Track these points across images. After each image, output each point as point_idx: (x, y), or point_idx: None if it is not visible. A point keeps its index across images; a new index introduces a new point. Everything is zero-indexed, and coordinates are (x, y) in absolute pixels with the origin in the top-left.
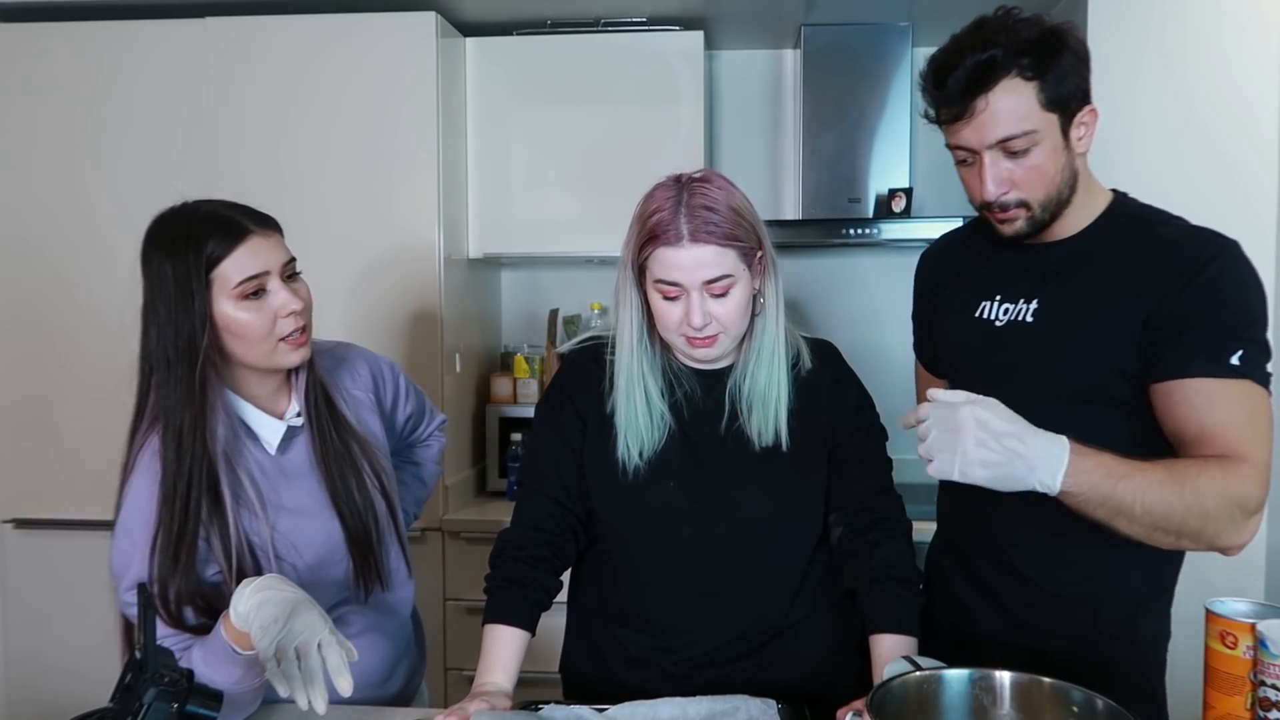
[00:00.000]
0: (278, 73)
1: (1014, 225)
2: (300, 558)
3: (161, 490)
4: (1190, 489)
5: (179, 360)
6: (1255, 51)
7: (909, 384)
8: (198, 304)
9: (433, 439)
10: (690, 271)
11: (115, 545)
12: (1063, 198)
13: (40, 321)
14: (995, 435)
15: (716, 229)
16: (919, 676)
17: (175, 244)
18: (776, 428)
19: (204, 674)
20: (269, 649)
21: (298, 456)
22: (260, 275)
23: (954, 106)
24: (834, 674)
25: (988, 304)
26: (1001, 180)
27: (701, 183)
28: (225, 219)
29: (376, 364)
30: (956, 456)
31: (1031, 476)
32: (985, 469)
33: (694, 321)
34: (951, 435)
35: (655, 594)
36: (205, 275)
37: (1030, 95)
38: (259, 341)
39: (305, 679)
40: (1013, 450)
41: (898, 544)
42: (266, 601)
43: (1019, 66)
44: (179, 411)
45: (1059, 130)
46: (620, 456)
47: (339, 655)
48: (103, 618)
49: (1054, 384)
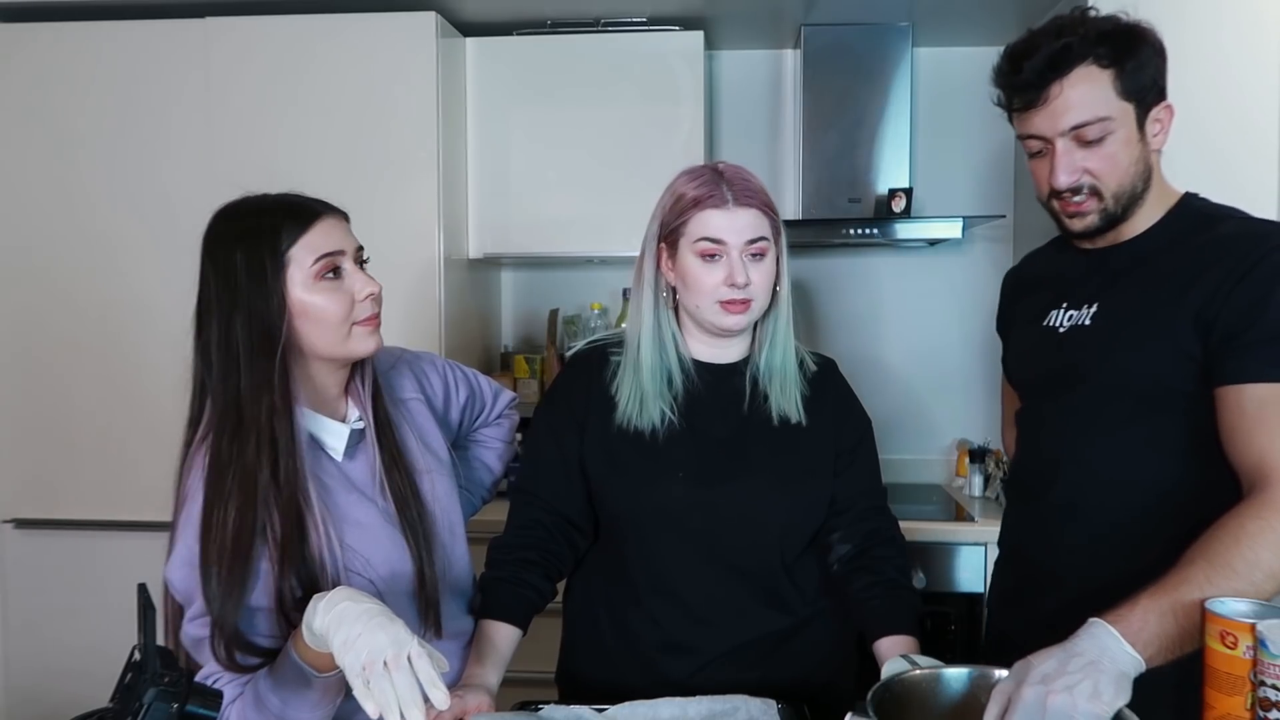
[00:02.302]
0: (277, 73)
1: (1085, 219)
2: (374, 570)
3: (238, 506)
4: (1241, 566)
5: (257, 351)
6: (1255, 51)
7: (906, 384)
8: (274, 289)
9: (504, 419)
10: (735, 232)
11: (176, 565)
12: (1136, 191)
13: (40, 322)
14: (1066, 674)
15: (757, 195)
16: (919, 675)
17: (246, 232)
18: (795, 405)
19: (275, 710)
20: (355, 665)
21: (361, 466)
22: (335, 254)
23: (1028, 93)
24: (834, 674)
25: (1055, 312)
26: (1074, 169)
27: (730, 166)
28: (296, 202)
29: (417, 364)
30: None
31: (1119, 667)
32: (1096, 700)
33: (738, 280)
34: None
35: (665, 587)
36: (281, 257)
37: (1105, 82)
38: (336, 325)
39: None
40: (1089, 668)
41: (899, 560)
42: (345, 615)
43: (1095, 54)
44: (255, 404)
45: (1134, 121)
46: (626, 447)
47: (431, 666)
48: (103, 618)
49: (1109, 387)
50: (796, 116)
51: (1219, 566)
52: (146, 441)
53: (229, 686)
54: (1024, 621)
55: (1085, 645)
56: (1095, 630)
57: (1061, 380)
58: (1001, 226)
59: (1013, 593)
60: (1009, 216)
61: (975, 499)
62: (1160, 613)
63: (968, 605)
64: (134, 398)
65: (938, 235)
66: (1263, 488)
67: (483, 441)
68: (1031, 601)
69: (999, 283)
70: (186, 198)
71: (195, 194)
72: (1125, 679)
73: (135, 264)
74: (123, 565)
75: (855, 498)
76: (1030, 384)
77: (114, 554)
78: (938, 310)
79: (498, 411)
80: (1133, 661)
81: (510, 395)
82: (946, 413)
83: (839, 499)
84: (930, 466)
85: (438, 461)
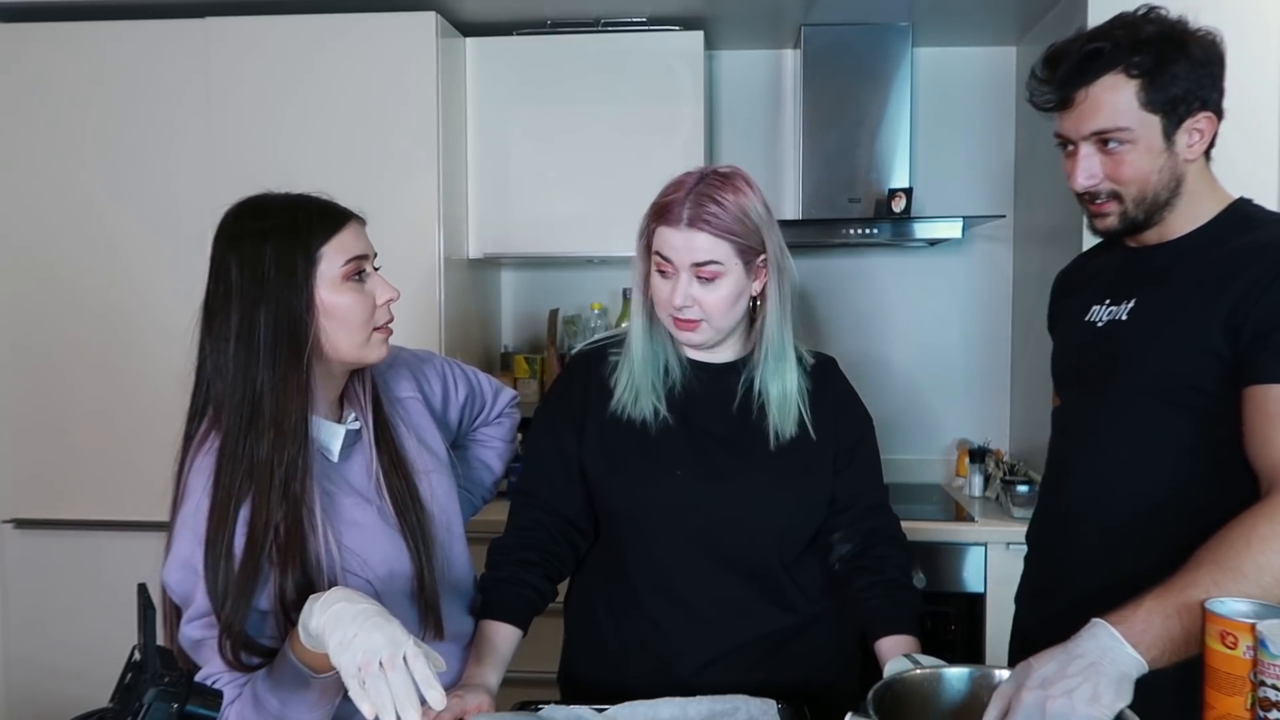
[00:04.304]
0: (277, 73)
1: (1106, 220)
2: (371, 571)
3: (251, 503)
4: (1250, 570)
5: (282, 347)
6: (1255, 51)
7: (907, 383)
8: (305, 285)
9: (504, 417)
10: (681, 253)
11: (174, 566)
12: (1159, 199)
13: (40, 321)
14: (1066, 678)
15: (715, 219)
16: (920, 674)
17: (276, 228)
18: (794, 424)
19: (274, 710)
20: (351, 665)
21: (357, 466)
22: (361, 257)
23: (1056, 94)
24: (838, 676)
25: (1097, 307)
26: (1091, 173)
27: (718, 177)
28: (325, 205)
29: (415, 363)
30: None
31: (1120, 669)
32: (1095, 703)
33: (674, 300)
34: None
35: (664, 586)
36: (313, 255)
37: (1130, 93)
38: (358, 328)
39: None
40: (1089, 670)
41: (900, 559)
42: (341, 615)
43: (1127, 64)
44: (276, 400)
45: (1159, 132)
46: (624, 445)
47: (427, 666)
48: (103, 618)
49: (1139, 382)
50: (796, 116)
51: (1227, 570)
52: (147, 441)
53: (228, 687)
54: (1044, 618)
55: (1086, 647)
56: (1097, 631)
57: (1095, 374)
58: (1001, 226)
59: (1035, 590)
60: (1009, 216)
61: (975, 499)
62: (1165, 614)
63: (968, 605)
64: (134, 397)
65: (938, 235)
66: (1277, 491)
67: (483, 441)
68: (1051, 598)
69: (999, 283)
70: (187, 197)
71: (196, 193)
72: (1126, 680)
73: (136, 264)
74: (123, 565)
75: (855, 496)
76: (1067, 379)
77: (114, 554)
78: (938, 310)
79: (498, 410)
80: (1134, 662)
81: (511, 394)
82: (947, 413)
83: (839, 498)
84: (930, 466)
85: (436, 461)
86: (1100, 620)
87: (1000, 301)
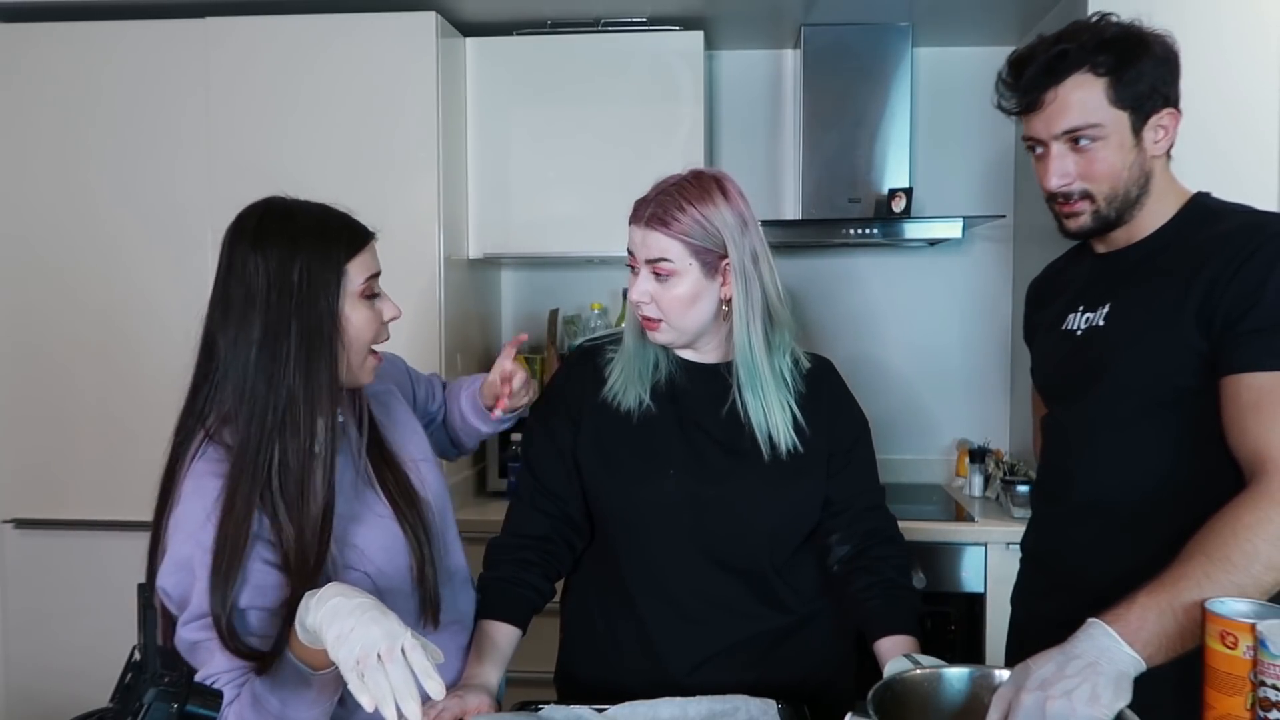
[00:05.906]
0: (278, 73)
1: (1079, 220)
2: (369, 564)
3: (269, 512)
4: (1239, 559)
5: (310, 353)
6: (1255, 51)
7: (906, 384)
8: (334, 296)
9: (442, 394)
10: (639, 249)
11: (169, 570)
12: (1130, 196)
13: (41, 321)
14: (1064, 679)
15: (671, 220)
16: (919, 674)
17: (308, 237)
18: (782, 429)
19: (274, 710)
20: (349, 659)
21: (344, 461)
22: (376, 276)
23: (1025, 97)
24: (833, 674)
25: (1073, 315)
26: (1065, 172)
27: (694, 179)
28: (350, 220)
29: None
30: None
31: (1118, 667)
32: (1094, 703)
33: (632, 295)
34: None
35: (656, 585)
36: (341, 268)
37: (1099, 91)
38: (364, 345)
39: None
40: (1087, 671)
41: (898, 560)
42: (338, 610)
43: (1092, 63)
44: (312, 415)
45: (1128, 128)
46: (619, 444)
47: (425, 657)
48: (102, 618)
49: (1126, 386)
50: (796, 116)
51: (1217, 561)
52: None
53: (228, 688)
54: (1045, 620)
55: (1084, 647)
56: (1093, 631)
57: (1080, 382)
58: (1001, 226)
59: (1035, 593)
60: (1009, 216)
61: (975, 499)
62: (1159, 611)
63: (968, 605)
64: (135, 397)
65: (938, 235)
66: (1259, 479)
67: (447, 402)
68: (1052, 600)
69: (999, 283)
70: (188, 196)
71: (196, 192)
72: (1125, 679)
73: (136, 264)
74: (123, 565)
75: (853, 498)
76: (1052, 388)
77: (114, 554)
78: (938, 310)
79: (436, 386)
80: (1132, 661)
81: (434, 373)
82: (946, 413)
83: (836, 499)
84: (930, 466)
85: (422, 449)
86: (1097, 620)
87: (1000, 301)
